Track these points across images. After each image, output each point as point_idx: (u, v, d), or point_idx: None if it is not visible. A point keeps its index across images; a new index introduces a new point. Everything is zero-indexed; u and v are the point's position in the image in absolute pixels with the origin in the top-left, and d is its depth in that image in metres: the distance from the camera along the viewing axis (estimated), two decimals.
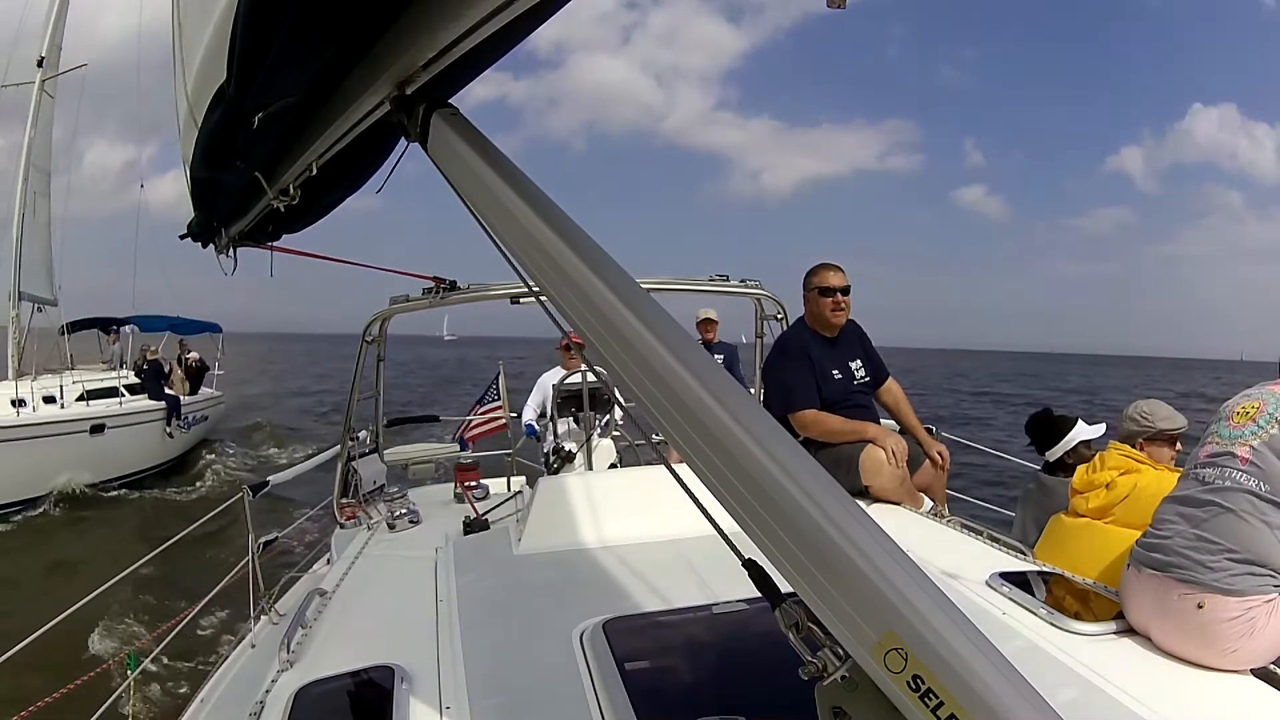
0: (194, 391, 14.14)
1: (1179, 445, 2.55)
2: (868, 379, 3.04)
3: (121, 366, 13.24)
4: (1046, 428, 3.09)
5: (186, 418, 13.07)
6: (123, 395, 11.81)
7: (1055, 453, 3.01)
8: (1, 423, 9.60)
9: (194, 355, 14.73)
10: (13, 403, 10.02)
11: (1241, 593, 1.52)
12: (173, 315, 14.94)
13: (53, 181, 13.36)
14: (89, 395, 11.21)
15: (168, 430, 12.46)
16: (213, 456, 13.56)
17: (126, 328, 14.19)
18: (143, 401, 12.08)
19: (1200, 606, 1.54)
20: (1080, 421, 3.04)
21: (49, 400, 10.52)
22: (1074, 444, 2.95)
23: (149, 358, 13.24)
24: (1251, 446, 1.62)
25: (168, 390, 12.91)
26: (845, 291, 2.95)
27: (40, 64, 12.27)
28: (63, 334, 13.03)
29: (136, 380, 12.58)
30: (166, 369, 13.43)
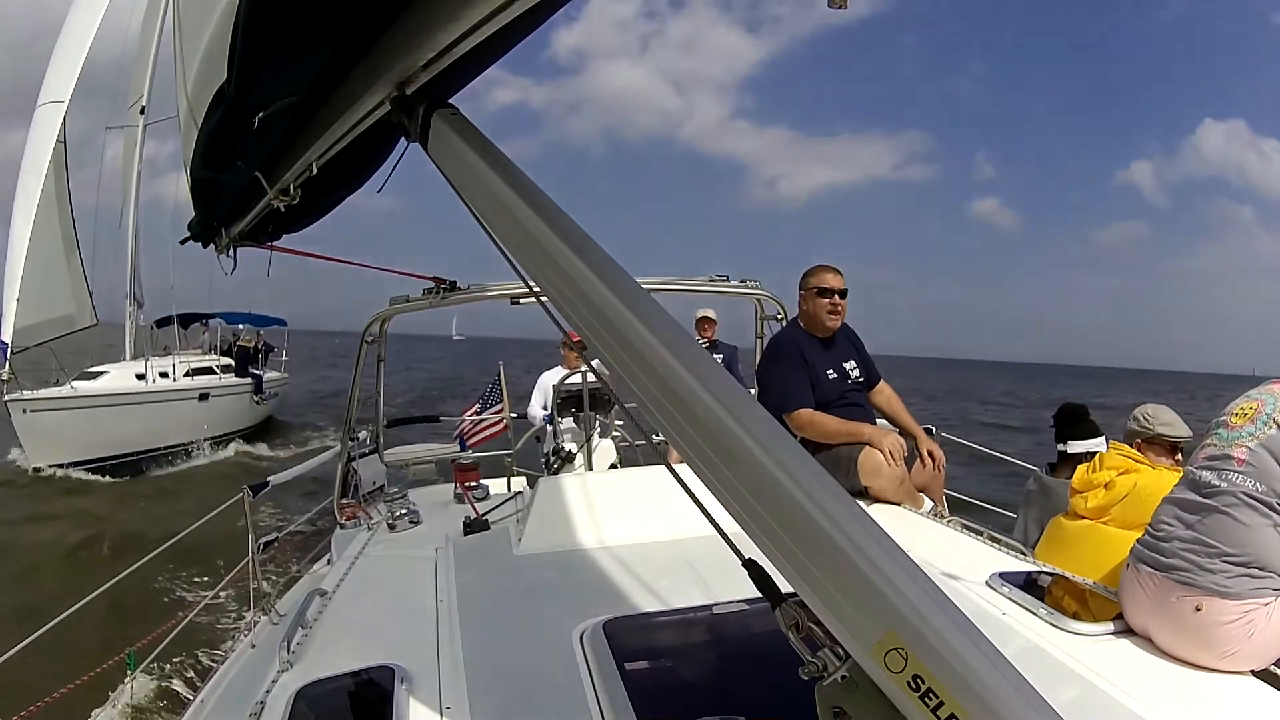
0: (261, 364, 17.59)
1: (1179, 454, 2.54)
2: (862, 380, 3.02)
3: (213, 351, 17.03)
4: (1075, 421, 3.08)
5: (265, 391, 16.44)
6: (218, 373, 15.16)
7: (1072, 446, 3.00)
8: (133, 390, 12.74)
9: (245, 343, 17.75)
10: (137, 376, 13.05)
11: (1239, 595, 1.52)
12: (246, 311, 18.55)
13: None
14: (194, 372, 14.42)
15: (255, 399, 15.99)
16: (286, 423, 17.52)
17: (214, 321, 18.04)
18: (233, 377, 15.50)
19: (1198, 609, 1.53)
20: (1104, 437, 3.02)
21: (163, 375, 13.48)
22: (1090, 451, 2.91)
23: (240, 344, 17.12)
24: (1248, 448, 1.62)
25: (252, 370, 16.35)
26: (843, 294, 2.91)
27: (143, 111, 14.63)
28: (154, 328, 16.16)
29: (228, 360, 16.13)
30: (254, 353, 17.10)
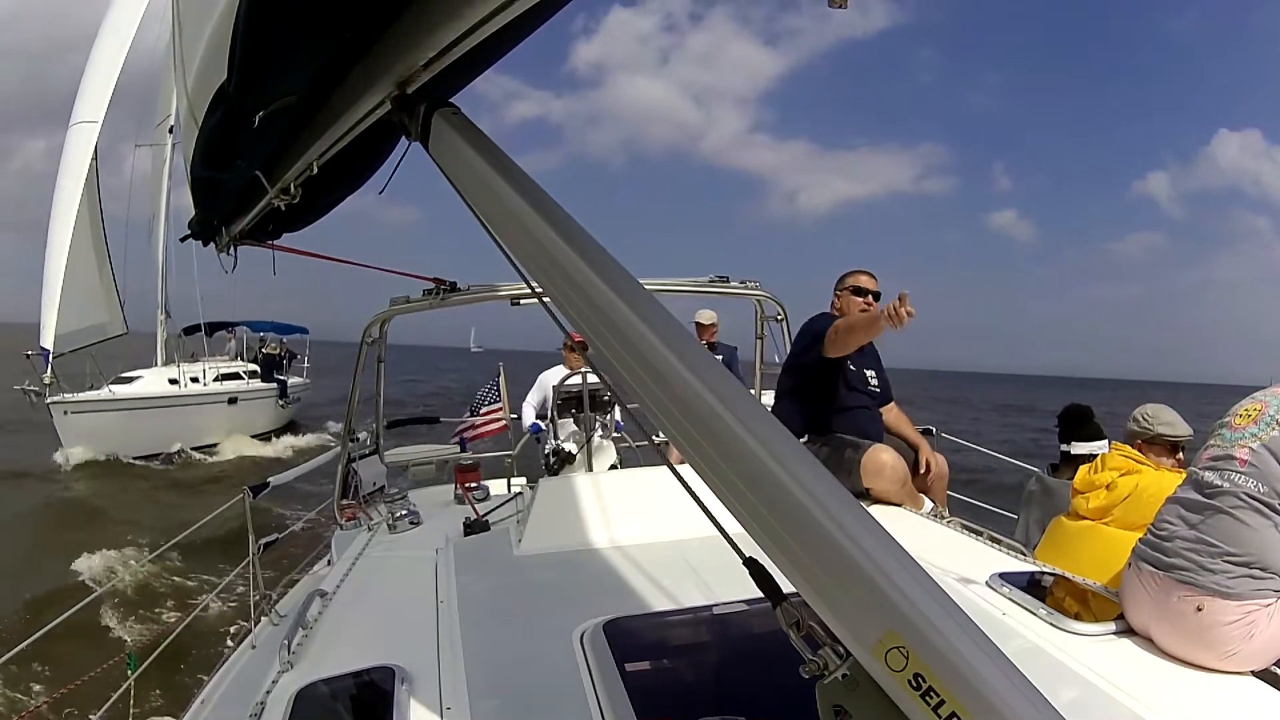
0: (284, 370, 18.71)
1: (1180, 454, 2.54)
2: (878, 390, 3.12)
3: (239, 358, 17.95)
4: (1079, 422, 3.09)
5: (289, 396, 17.67)
6: (245, 378, 16.39)
7: (1075, 448, 3.01)
8: (167, 393, 13.94)
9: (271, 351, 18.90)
10: (170, 381, 14.29)
11: (1240, 596, 1.52)
12: (270, 320, 19.65)
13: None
14: (223, 377, 15.56)
15: (280, 403, 17.21)
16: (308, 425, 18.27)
17: (240, 329, 18.92)
18: (260, 383, 16.75)
19: (1199, 609, 1.53)
20: (1107, 439, 3.03)
21: (194, 380, 14.66)
22: (1093, 453, 2.90)
23: (266, 352, 18.22)
24: (1251, 448, 1.62)
25: (277, 376, 17.51)
26: (876, 296, 3.01)
27: (171, 130, 15.11)
28: (181, 335, 16.90)
29: (255, 367, 17.29)
30: (279, 360, 18.23)
